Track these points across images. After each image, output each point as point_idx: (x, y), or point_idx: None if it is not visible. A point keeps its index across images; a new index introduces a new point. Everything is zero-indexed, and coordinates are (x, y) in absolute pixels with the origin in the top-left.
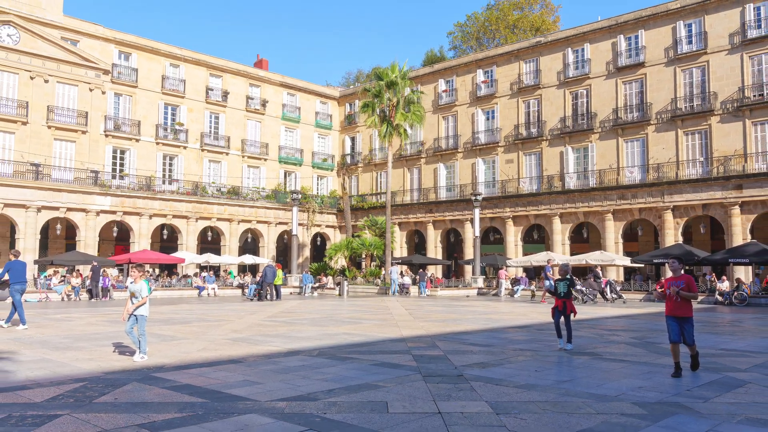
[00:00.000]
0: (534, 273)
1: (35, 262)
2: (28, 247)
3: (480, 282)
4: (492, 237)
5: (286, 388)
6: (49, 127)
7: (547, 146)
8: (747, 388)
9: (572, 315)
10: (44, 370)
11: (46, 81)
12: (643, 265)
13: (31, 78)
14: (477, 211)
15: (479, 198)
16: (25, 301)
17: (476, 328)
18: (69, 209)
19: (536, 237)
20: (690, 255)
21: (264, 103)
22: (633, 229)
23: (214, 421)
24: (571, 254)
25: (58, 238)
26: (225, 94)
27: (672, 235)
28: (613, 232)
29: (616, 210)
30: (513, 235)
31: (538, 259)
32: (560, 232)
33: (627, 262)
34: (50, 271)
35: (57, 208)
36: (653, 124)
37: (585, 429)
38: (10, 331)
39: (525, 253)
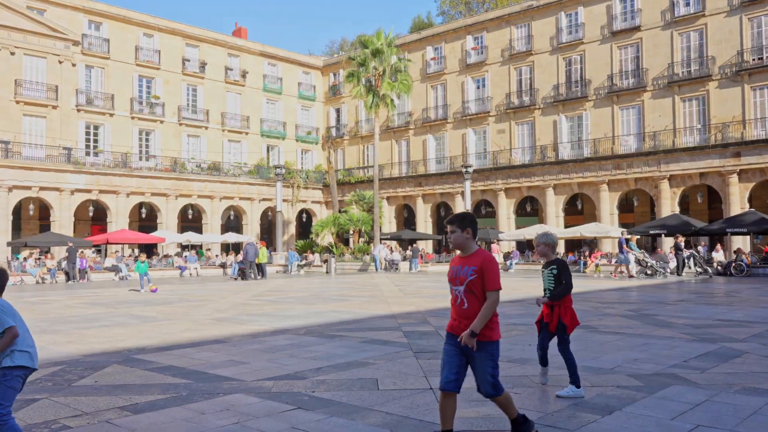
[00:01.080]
0: (527, 246)
1: (8, 244)
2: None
3: None
4: (484, 210)
5: (272, 367)
6: (18, 102)
7: (540, 115)
8: (744, 358)
9: (566, 332)
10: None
11: (12, 53)
12: (639, 237)
13: None
14: (468, 183)
15: (470, 170)
16: None
17: None
18: (41, 188)
19: (529, 209)
20: (687, 225)
21: (244, 74)
22: (629, 199)
23: (199, 402)
24: (565, 226)
25: (31, 219)
26: (203, 65)
27: (669, 205)
28: (608, 203)
29: (611, 180)
30: (505, 208)
31: (532, 232)
32: (554, 204)
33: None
34: (25, 253)
35: (29, 188)
36: (649, 90)
37: (579, 402)
38: None
39: (518, 227)
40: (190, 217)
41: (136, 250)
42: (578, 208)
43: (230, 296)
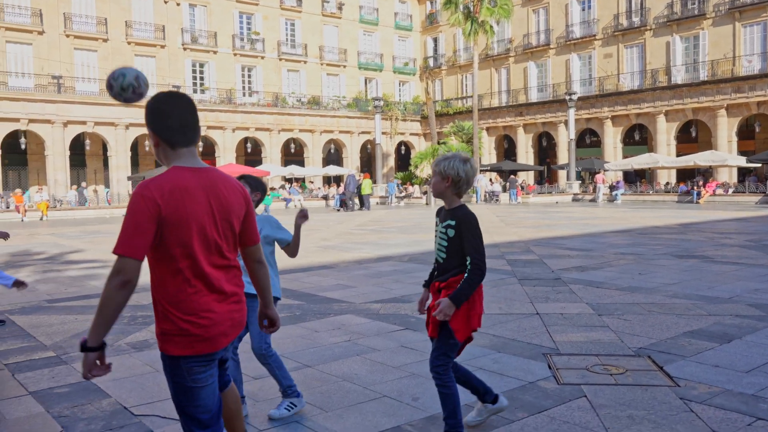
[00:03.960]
0: (635, 176)
1: (128, 178)
2: (120, 163)
3: (575, 187)
4: (588, 140)
5: (379, 291)
6: (129, 42)
7: (651, 37)
8: None
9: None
10: (146, 276)
11: None
12: (760, 165)
13: None
14: (572, 111)
15: (574, 97)
16: (123, 215)
17: (572, 233)
18: None
19: (638, 138)
20: None
21: (340, 6)
22: (749, 125)
23: (312, 321)
24: (677, 155)
25: (147, 155)
26: None
27: None
28: (726, 129)
29: (730, 105)
30: (612, 137)
31: (640, 161)
32: (665, 132)
33: (742, 162)
34: None
35: (144, 125)
36: None
37: (695, 330)
38: None
39: (625, 156)
40: (292, 151)
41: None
42: (692, 136)
43: (334, 226)
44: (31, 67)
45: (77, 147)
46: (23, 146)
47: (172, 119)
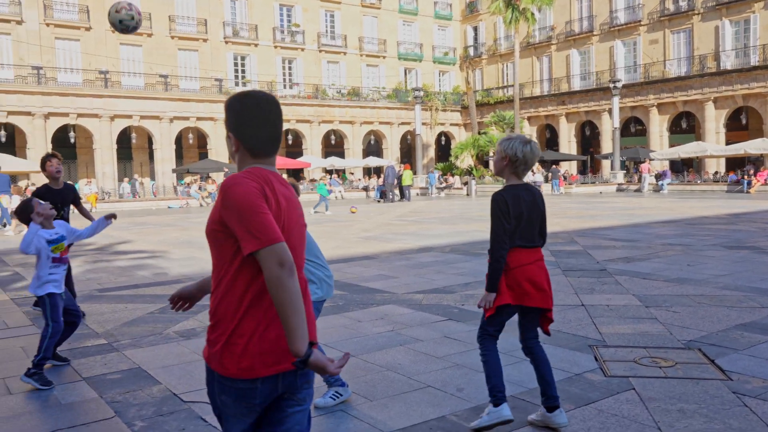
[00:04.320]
0: (682, 166)
1: (173, 170)
2: (165, 156)
3: (620, 177)
4: (633, 128)
5: (421, 282)
6: (172, 37)
7: (699, 21)
8: None
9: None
10: (193, 267)
11: None
12: None
13: None
14: (616, 99)
15: (618, 85)
16: (168, 207)
17: (617, 223)
18: (198, 118)
19: (685, 126)
20: None
21: None
22: None
23: (355, 311)
24: (727, 143)
25: (191, 147)
26: None
27: None
28: None
29: None
30: (657, 125)
31: (687, 150)
32: (714, 120)
33: None
34: (188, 179)
35: (187, 118)
36: None
37: (748, 322)
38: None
39: (671, 145)
40: (332, 142)
41: (285, 175)
42: (742, 123)
43: (375, 217)
44: (79, 62)
45: (124, 140)
46: (72, 140)
47: (261, 128)
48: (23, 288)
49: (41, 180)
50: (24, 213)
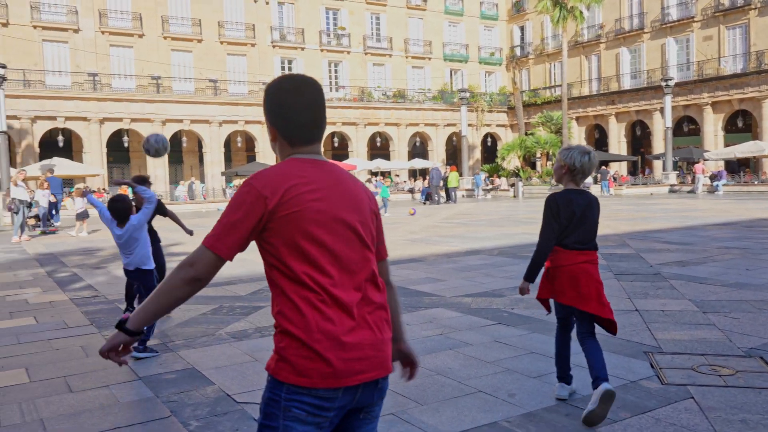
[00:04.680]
0: (737, 166)
1: (222, 173)
2: (214, 159)
3: (672, 178)
4: (686, 128)
5: (469, 285)
6: (222, 42)
7: (756, 16)
8: None
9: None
10: (244, 268)
11: None
12: None
13: None
14: (668, 98)
15: (671, 84)
16: (218, 209)
17: (671, 226)
18: (246, 122)
19: (741, 125)
20: None
21: None
22: None
23: (404, 314)
24: None
25: (239, 151)
26: None
27: None
28: None
29: None
30: (712, 124)
31: (744, 150)
32: None
33: None
34: (237, 181)
35: (236, 122)
36: None
37: None
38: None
39: (726, 144)
40: (378, 144)
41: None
42: None
43: (421, 219)
44: (132, 69)
45: (174, 144)
46: (126, 144)
47: (299, 114)
48: (82, 288)
49: (96, 183)
50: (125, 211)
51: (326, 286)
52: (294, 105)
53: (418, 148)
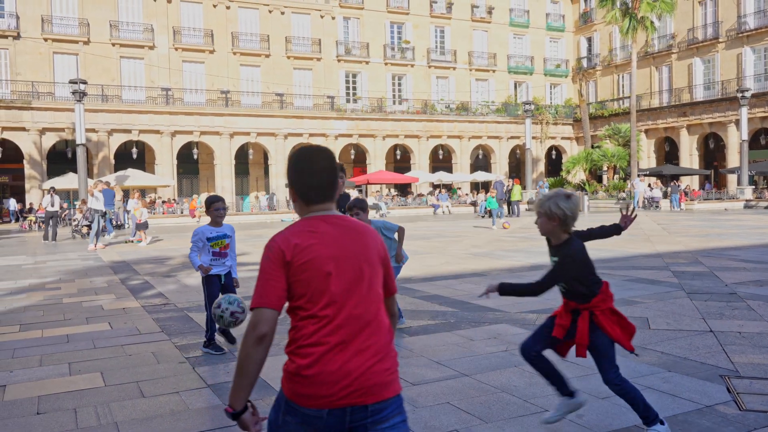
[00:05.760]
0: None
1: (286, 185)
2: (279, 171)
3: (747, 193)
4: (763, 140)
5: (534, 301)
6: (288, 57)
7: None
8: None
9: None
10: None
11: (282, 13)
12: None
13: (269, 12)
14: (744, 110)
15: (747, 95)
16: (282, 220)
17: (747, 243)
18: (311, 135)
19: None
20: None
21: (490, 10)
22: None
23: (467, 329)
24: None
25: None
26: (449, 5)
27: None
28: None
29: None
30: None
31: None
32: None
33: None
34: None
35: (301, 135)
36: None
37: None
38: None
39: None
40: (440, 157)
41: (392, 190)
42: None
43: (484, 233)
44: (203, 83)
45: (241, 156)
46: (195, 156)
47: (313, 178)
48: (154, 296)
49: (167, 194)
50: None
51: (328, 318)
52: (308, 171)
53: (481, 161)
